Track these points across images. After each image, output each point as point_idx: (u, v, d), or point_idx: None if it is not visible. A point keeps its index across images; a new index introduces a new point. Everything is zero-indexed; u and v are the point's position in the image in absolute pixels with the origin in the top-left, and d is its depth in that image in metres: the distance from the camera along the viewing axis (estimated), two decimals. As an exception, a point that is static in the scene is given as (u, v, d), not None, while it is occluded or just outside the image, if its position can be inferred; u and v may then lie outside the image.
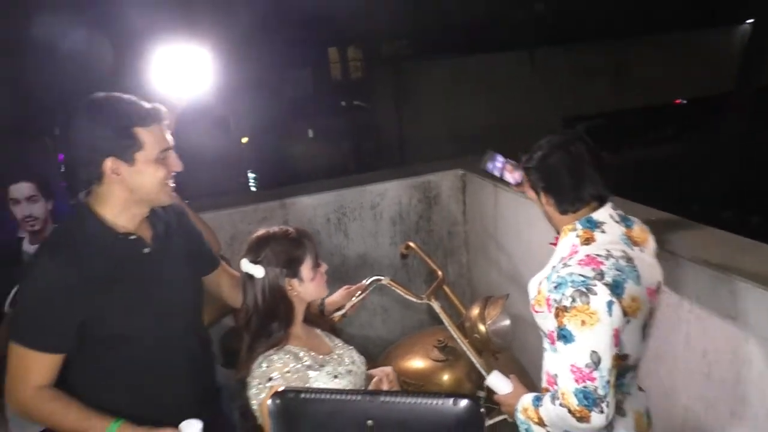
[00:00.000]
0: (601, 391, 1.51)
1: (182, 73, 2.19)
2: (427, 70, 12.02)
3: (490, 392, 2.65)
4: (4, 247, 2.22)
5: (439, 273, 2.60)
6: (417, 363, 2.71)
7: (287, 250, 1.62)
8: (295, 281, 1.63)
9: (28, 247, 2.52)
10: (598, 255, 1.58)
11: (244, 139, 15.33)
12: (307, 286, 1.65)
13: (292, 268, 1.62)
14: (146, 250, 1.64)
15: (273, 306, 1.61)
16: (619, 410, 1.66)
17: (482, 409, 0.98)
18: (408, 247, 2.74)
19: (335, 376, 1.60)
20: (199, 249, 1.86)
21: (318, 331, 1.76)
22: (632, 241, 1.67)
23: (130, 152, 1.56)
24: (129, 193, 1.60)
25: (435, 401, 0.97)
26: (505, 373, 2.53)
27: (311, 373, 1.57)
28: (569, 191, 1.66)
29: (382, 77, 13.64)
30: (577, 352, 1.51)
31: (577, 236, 1.65)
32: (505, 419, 2.51)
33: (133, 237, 1.62)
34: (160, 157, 1.60)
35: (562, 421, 1.57)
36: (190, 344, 1.75)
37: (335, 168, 13.20)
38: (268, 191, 4.45)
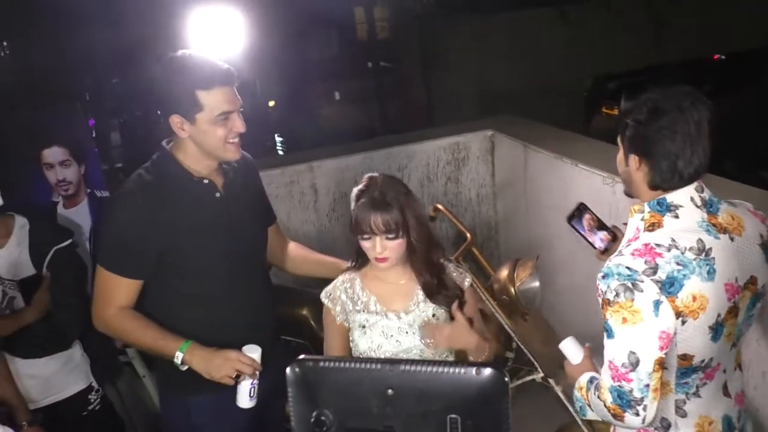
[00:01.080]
0: (637, 394, 1.38)
1: (217, 35, 2.23)
2: (455, 28, 11.76)
3: (519, 353, 2.66)
4: (39, 211, 2.26)
5: (468, 235, 2.59)
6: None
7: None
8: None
9: (63, 211, 2.57)
10: (658, 245, 1.40)
11: (271, 103, 15.28)
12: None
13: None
14: (218, 195, 1.79)
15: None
16: (679, 410, 1.50)
17: (506, 378, 0.94)
18: (436, 209, 2.72)
19: (363, 326, 1.67)
20: (263, 200, 2.02)
21: (417, 288, 1.69)
22: (717, 228, 1.44)
23: (192, 113, 1.68)
24: (197, 146, 1.73)
25: (457, 370, 0.95)
26: (534, 334, 2.54)
27: (351, 308, 1.69)
28: (673, 165, 1.40)
29: (409, 37, 13.40)
30: (615, 350, 1.39)
31: (642, 219, 1.45)
32: (533, 380, 2.52)
33: (206, 182, 1.77)
34: (220, 118, 1.69)
35: (601, 412, 1.48)
36: (254, 283, 1.89)
37: (362, 130, 13.12)
38: (296, 154, 4.45)
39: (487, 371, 0.94)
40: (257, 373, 1.72)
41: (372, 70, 15.44)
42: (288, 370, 1.02)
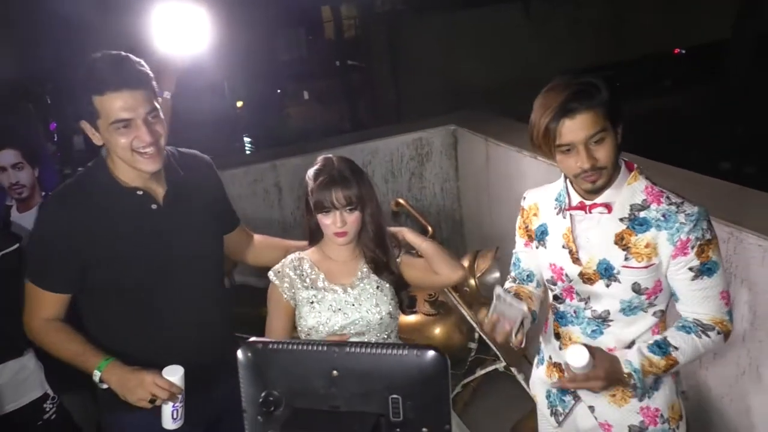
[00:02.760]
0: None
1: (180, 32, 2.20)
2: (422, 26, 11.81)
3: (482, 344, 2.69)
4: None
5: (430, 229, 2.61)
6: (408, 317, 2.74)
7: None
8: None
9: (17, 216, 2.52)
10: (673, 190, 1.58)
11: (239, 103, 15.17)
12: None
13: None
14: (154, 207, 1.68)
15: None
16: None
17: (447, 360, 0.97)
18: (398, 204, 2.74)
19: (311, 302, 1.71)
20: (224, 207, 1.91)
21: (361, 264, 1.77)
22: None
23: (93, 119, 1.58)
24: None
25: (399, 352, 0.97)
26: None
27: (299, 285, 1.72)
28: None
29: (377, 35, 13.41)
30: (722, 278, 1.54)
31: (646, 178, 1.56)
32: (496, 369, 2.55)
33: (140, 192, 1.66)
34: (115, 127, 1.56)
35: (712, 349, 1.60)
36: (199, 299, 1.77)
37: (332, 129, 13.10)
38: (259, 152, 4.42)
39: (428, 353, 0.96)
40: (179, 396, 1.60)
41: (340, 69, 15.43)
42: (239, 352, 1.04)
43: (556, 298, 1.69)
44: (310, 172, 1.73)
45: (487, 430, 2.26)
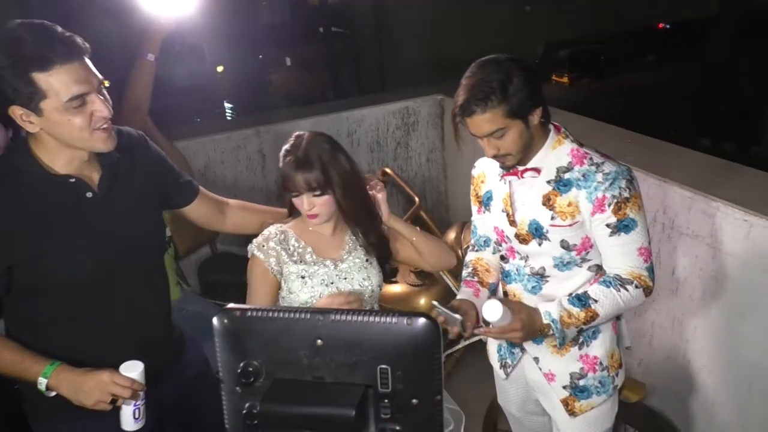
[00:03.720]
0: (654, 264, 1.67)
1: None
2: (407, -6, 11.65)
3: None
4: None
5: (416, 199, 2.60)
6: (394, 288, 2.73)
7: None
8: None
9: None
10: (597, 149, 1.66)
11: (220, 68, 14.89)
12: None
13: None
14: (89, 195, 1.50)
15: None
16: None
17: (439, 328, 0.93)
18: (385, 173, 2.71)
19: (302, 277, 1.66)
20: (171, 182, 1.75)
21: (347, 237, 1.74)
22: None
23: (35, 102, 1.35)
24: (55, 140, 1.43)
25: (388, 319, 0.92)
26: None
27: (287, 260, 1.67)
28: (542, 90, 1.62)
29: (362, 2, 13.20)
30: (641, 235, 1.61)
31: (572, 141, 1.65)
32: (480, 340, 2.56)
33: (72, 180, 1.47)
34: (72, 105, 1.37)
35: (634, 304, 1.65)
36: (145, 291, 1.64)
37: (314, 97, 12.95)
38: (242, 119, 4.35)
39: (419, 321, 0.92)
40: (140, 393, 1.48)
41: (324, 36, 15.20)
42: (215, 319, 0.98)
43: (502, 258, 1.80)
44: (283, 149, 1.65)
45: (470, 400, 2.28)
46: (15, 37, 1.34)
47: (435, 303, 1.58)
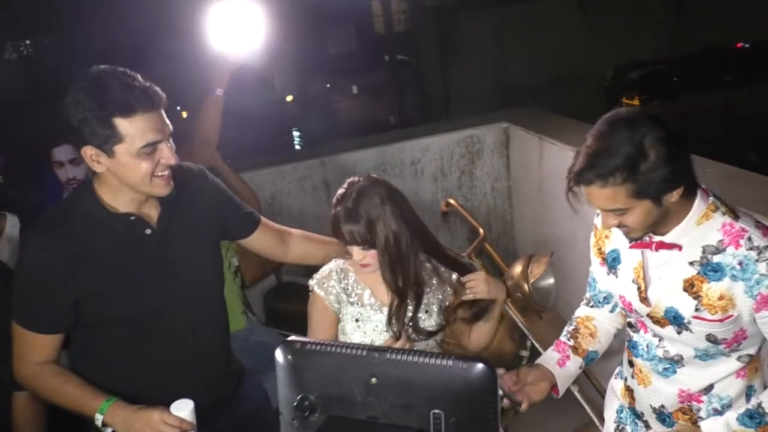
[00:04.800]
0: None
1: (235, 29, 2.19)
2: (473, 20, 11.65)
3: (534, 352, 2.61)
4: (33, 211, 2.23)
5: (481, 231, 2.54)
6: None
7: None
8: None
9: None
10: (760, 221, 1.33)
11: (289, 98, 15.32)
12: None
13: None
14: (148, 231, 1.55)
15: None
16: None
17: (496, 374, 0.89)
18: (449, 204, 2.68)
19: (357, 320, 1.62)
20: (230, 214, 1.77)
21: (394, 304, 1.65)
22: None
23: (109, 144, 1.42)
24: (118, 180, 1.49)
25: (443, 362, 0.89)
26: (550, 332, 2.48)
27: (345, 300, 1.63)
28: (691, 165, 1.29)
29: (427, 29, 13.32)
30: None
31: (723, 213, 1.32)
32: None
33: (132, 218, 1.53)
34: (144, 151, 1.43)
35: None
36: (202, 327, 1.66)
37: (380, 124, 13.08)
38: (308, 149, 4.43)
39: (476, 366, 0.88)
40: None
41: (389, 63, 15.38)
42: (277, 351, 0.99)
43: (630, 325, 1.55)
44: (337, 193, 1.61)
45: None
46: (101, 82, 1.42)
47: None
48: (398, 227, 1.55)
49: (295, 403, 0.96)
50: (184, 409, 1.46)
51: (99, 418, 1.47)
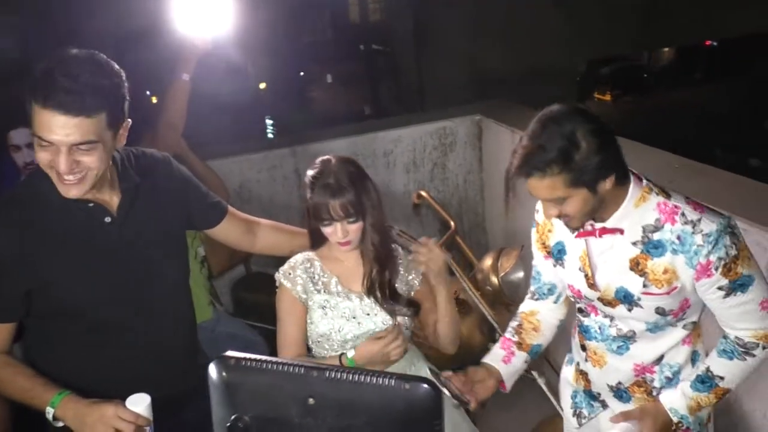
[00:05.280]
0: None
1: (202, 14, 2.13)
2: (447, 11, 11.63)
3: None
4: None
5: (452, 223, 2.53)
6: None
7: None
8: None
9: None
10: (689, 197, 1.42)
11: (262, 85, 15.13)
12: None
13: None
14: (107, 219, 1.49)
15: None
16: None
17: (441, 396, 0.85)
18: (420, 196, 2.66)
19: (323, 307, 1.62)
20: (196, 203, 1.72)
21: (374, 271, 1.66)
22: None
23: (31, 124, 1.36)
24: None
25: (386, 381, 0.84)
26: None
27: (312, 288, 1.62)
28: (620, 154, 1.37)
29: (402, 20, 13.24)
30: (760, 288, 1.39)
31: (657, 194, 1.42)
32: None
33: (90, 204, 1.47)
34: (36, 142, 1.36)
35: (760, 364, 1.47)
36: (164, 316, 1.60)
37: (354, 113, 13.03)
38: (278, 138, 4.37)
39: (420, 387, 0.83)
40: (147, 429, 1.42)
41: (364, 53, 15.31)
42: (210, 367, 0.94)
43: (580, 310, 1.61)
44: (309, 175, 1.60)
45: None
46: (47, 66, 1.34)
47: (433, 369, 1.44)
48: (377, 197, 1.61)
49: (228, 424, 0.91)
50: (140, 403, 1.40)
51: (50, 412, 1.41)
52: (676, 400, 1.48)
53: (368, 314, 1.63)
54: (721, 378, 1.45)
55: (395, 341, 1.54)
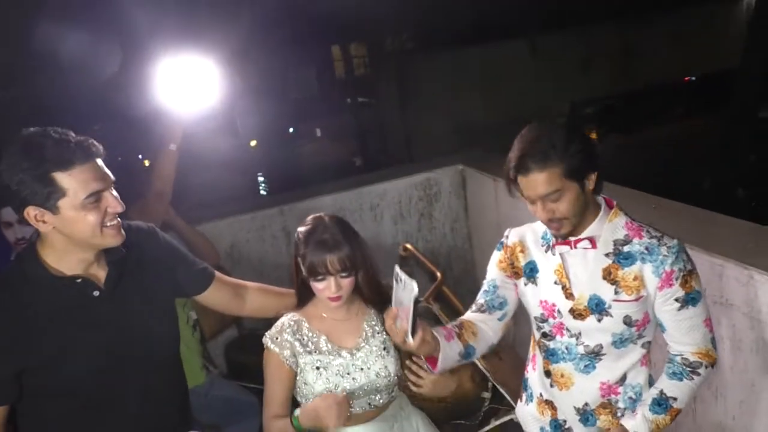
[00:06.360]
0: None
1: (187, 86, 2.19)
2: (430, 63, 11.92)
3: (496, 394, 2.62)
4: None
5: (438, 274, 2.57)
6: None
7: None
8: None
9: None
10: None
11: (253, 143, 15.32)
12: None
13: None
14: (96, 293, 1.51)
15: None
16: None
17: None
18: (406, 249, 2.70)
19: (317, 368, 1.64)
20: (182, 271, 1.74)
21: (364, 324, 1.71)
22: None
23: (52, 201, 1.40)
24: (66, 238, 1.46)
25: None
26: (510, 372, 2.50)
27: (301, 350, 1.65)
28: (598, 158, 1.57)
29: (386, 73, 13.55)
30: (705, 306, 1.59)
31: (624, 215, 1.62)
32: (511, 420, 2.47)
33: (78, 280, 1.50)
34: (88, 201, 1.42)
35: (704, 382, 1.63)
36: (155, 386, 1.62)
37: (345, 166, 13.16)
38: (266, 198, 4.43)
39: None
40: None
41: (351, 106, 15.58)
42: None
43: (545, 335, 1.70)
44: (301, 232, 1.64)
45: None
46: (33, 142, 1.41)
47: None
48: (370, 253, 1.69)
49: None
50: None
51: None
52: (638, 425, 1.59)
53: (362, 369, 1.65)
54: (675, 399, 1.59)
55: (335, 407, 1.54)
